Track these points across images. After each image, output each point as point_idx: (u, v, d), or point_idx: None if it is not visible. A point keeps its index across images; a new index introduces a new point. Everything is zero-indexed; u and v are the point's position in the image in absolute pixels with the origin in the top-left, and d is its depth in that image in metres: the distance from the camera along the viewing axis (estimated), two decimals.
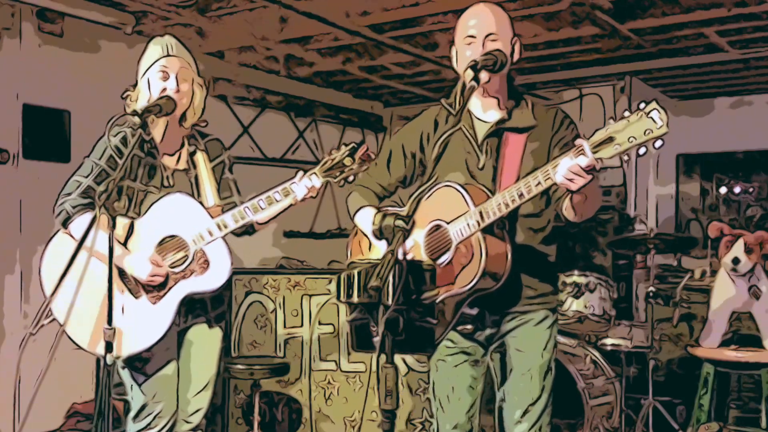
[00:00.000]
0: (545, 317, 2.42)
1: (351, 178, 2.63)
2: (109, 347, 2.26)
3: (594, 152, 1.89)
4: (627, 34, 4.87)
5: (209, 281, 2.59)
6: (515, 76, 2.45)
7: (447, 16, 4.56)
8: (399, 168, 2.55)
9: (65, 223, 2.53)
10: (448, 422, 2.48)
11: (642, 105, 1.85)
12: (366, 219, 2.47)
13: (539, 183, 2.05)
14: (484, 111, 2.41)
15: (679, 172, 7.23)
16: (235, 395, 4.36)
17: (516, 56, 2.37)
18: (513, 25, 2.38)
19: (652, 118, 1.82)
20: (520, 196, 2.11)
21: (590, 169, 1.92)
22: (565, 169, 1.95)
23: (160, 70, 2.58)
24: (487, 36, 2.30)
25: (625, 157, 1.92)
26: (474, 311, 2.37)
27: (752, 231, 3.92)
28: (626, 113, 1.85)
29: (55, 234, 2.60)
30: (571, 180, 1.95)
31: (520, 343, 2.40)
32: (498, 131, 2.37)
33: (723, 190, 7.05)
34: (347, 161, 2.60)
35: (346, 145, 2.64)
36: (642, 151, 1.88)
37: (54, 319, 2.51)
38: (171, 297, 2.56)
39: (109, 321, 2.26)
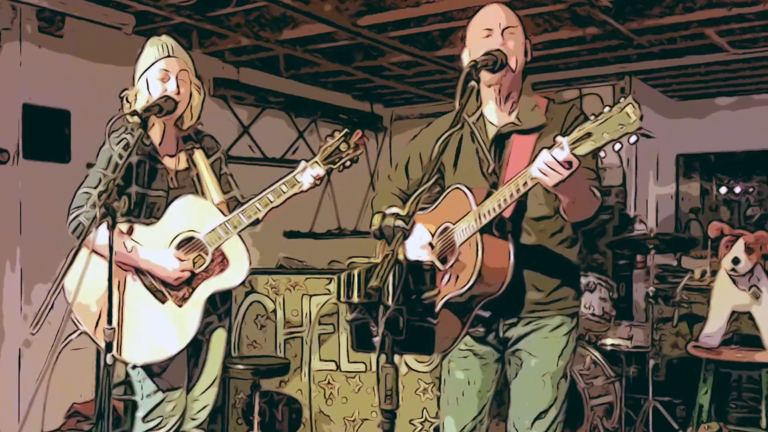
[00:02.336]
0: (561, 323, 2.37)
1: (348, 164, 2.66)
2: (109, 347, 2.26)
3: (572, 148, 1.88)
4: (627, 34, 4.87)
5: (231, 278, 2.61)
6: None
7: (447, 16, 4.56)
8: (416, 173, 2.58)
9: (82, 236, 2.52)
10: (455, 425, 2.47)
11: (621, 100, 1.85)
12: None
13: (526, 182, 2.05)
14: (497, 115, 2.40)
15: (679, 172, 7.24)
16: (235, 395, 4.36)
17: (528, 57, 2.37)
18: (525, 28, 2.38)
19: (626, 113, 1.81)
20: (511, 195, 2.10)
21: (567, 166, 1.91)
22: (541, 163, 1.94)
23: (159, 72, 2.58)
24: (505, 29, 2.30)
25: (602, 153, 1.92)
26: (486, 314, 2.35)
27: (752, 231, 3.91)
28: (606, 109, 1.85)
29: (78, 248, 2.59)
30: (545, 174, 1.94)
31: (534, 349, 2.36)
32: (505, 134, 2.36)
33: (723, 190, 7.06)
34: (343, 147, 2.66)
35: (340, 131, 2.68)
36: (617, 147, 1.88)
37: (80, 333, 2.50)
38: (196, 297, 2.57)
39: (110, 320, 2.27)
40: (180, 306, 2.56)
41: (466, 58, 2.41)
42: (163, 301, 2.56)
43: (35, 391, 4.07)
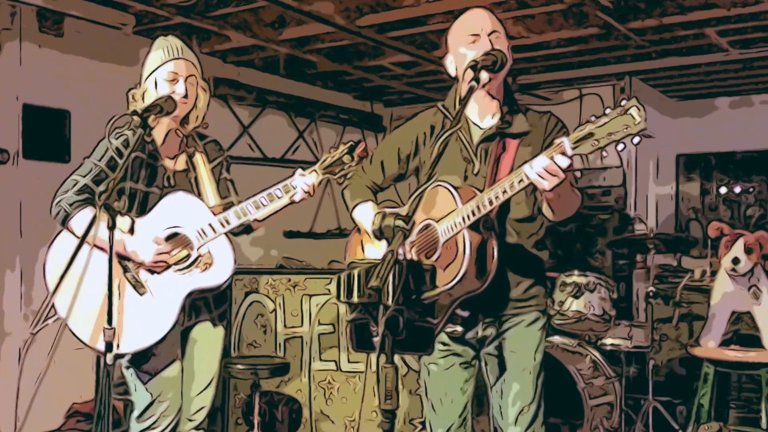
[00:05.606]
0: (536, 318, 2.42)
1: (350, 175, 2.67)
2: (109, 347, 2.26)
3: (574, 148, 1.90)
4: (627, 34, 4.87)
5: (213, 277, 2.60)
6: (515, 78, 2.46)
7: (447, 16, 4.56)
8: (392, 169, 2.58)
9: (64, 222, 2.54)
10: (440, 425, 2.49)
11: (623, 102, 1.86)
12: (365, 214, 2.50)
13: (521, 180, 2.05)
14: (481, 116, 2.41)
15: (679, 172, 7.23)
16: (235, 395, 4.36)
17: (510, 61, 2.37)
18: (506, 31, 2.40)
19: (630, 114, 1.83)
20: (504, 192, 2.11)
21: (566, 170, 1.93)
22: (540, 167, 1.95)
23: (169, 74, 2.58)
24: (491, 33, 2.30)
25: (605, 153, 1.94)
26: (465, 313, 2.37)
27: (752, 231, 3.91)
28: (607, 110, 1.86)
29: (58, 234, 2.60)
30: (543, 178, 1.96)
31: (513, 344, 2.40)
32: (492, 136, 2.37)
33: (723, 190, 7.06)
34: (346, 159, 2.64)
35: (345, 143, 2.67)
36: (620, 147, 1.89)
37: (58, 318, 2.52)
38: (176, 293, 2.57)
39: (110, 321, 2.27)
40: (159, 300, 2.55)
41: (450, 64, 2.42)
42: (141, 294, 2.56)
43: (35, 391, 4.07)
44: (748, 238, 3.81)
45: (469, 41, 2.32)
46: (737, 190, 6.98)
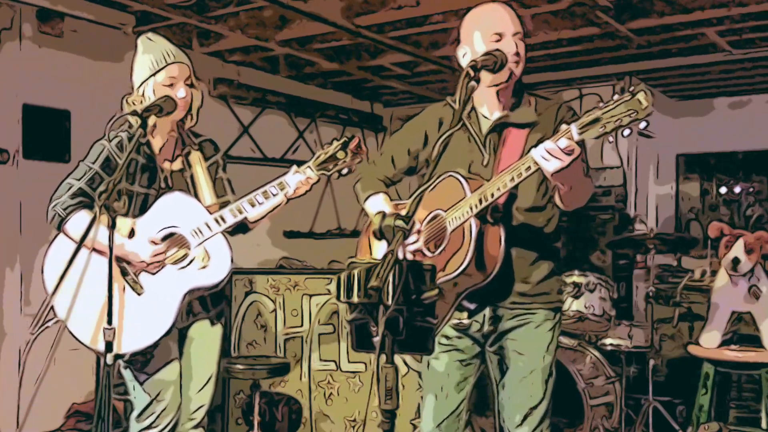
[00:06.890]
0: (546, 319, 2.38)
1: (345, 171, 2.67)
2: (109, 347, 2.26)
3: (580, 133, 1.90)
4: (627, 34, 4.87)
5: (211, 275, 2.61)
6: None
7: (447, 15, 4.56)
8: (402, 163, 2.59)
9: (59, 226, 2.54)
10: (434, 420, 2.48)
11: (631, 88, 1.87)
12: (377, 206, 2.52)
13: (529, 167, 2.05)
14: (490, 109, 2.40)
15: (679, 172, 7.23)
16: (235, 395, 4.36)
17: (522, 64, 2.36)
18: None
19: (638, 99, 1.84)
20: (511, 180, 2.11)
21: (569, 152, 1.93)
22: (543, 149, 1.96)
23: (167, 78, 2.57)
24: (515, 34, 2.29)
25: (610, 139, 1.95)
26: (472, 305, 2.36)
27: (752, 231, 3.92)
28: (615, 96, 1.87)
29: (55, 237, 2.61)
30: (546, 159, 1.96)
31: (520, 346, 2.37)
32: (499, 127, 2.37)
33: (723, 190, 7.06)
34: (340, 154, 2.64)
35: (338, 139, 2.68)
36: (626, 132, 1.91)
37: (57, 321, 2.52)
38: (174, 292, 2.57)
39: (109, 321, 2.27)
40: (157, 299, 2.55)
41: (463, 57, 2.38)
42: (139, 294, 2.56)
43: (35, 391, 4.07)
44: (748, 238, 3.81)
45: (492, 39, 2.28)
46: (737, 190, 6.98)
